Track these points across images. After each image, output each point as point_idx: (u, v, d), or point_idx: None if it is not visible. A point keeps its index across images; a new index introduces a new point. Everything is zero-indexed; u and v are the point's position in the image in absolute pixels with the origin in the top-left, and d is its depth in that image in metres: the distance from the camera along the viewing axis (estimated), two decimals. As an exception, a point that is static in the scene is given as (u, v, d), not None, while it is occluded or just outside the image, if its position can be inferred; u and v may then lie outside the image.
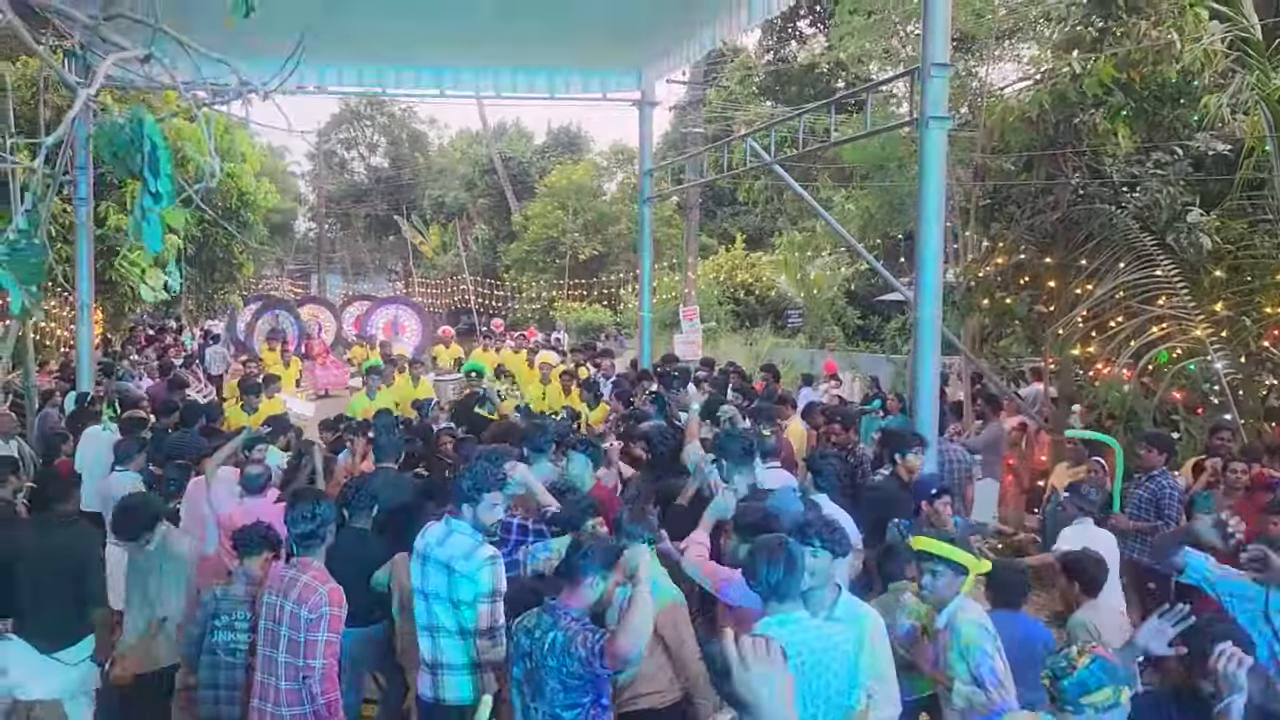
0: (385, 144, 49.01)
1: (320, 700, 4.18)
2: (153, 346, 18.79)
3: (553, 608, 3.77)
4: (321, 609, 4.16)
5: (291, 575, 4.34)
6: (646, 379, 10.57)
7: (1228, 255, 8.59)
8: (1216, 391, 8.28)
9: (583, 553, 3.80)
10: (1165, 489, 6.98)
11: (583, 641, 3.56)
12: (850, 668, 3.63)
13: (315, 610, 4.16)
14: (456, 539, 4.33)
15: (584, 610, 3.77)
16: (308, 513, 4.37)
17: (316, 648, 4.16)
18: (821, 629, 3.69)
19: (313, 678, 4.17)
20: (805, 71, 23.07)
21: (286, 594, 4.26)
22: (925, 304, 6.65)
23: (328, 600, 4.19)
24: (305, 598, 4.20)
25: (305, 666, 4.16)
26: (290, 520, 4.42)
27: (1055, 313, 9.64)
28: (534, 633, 3.74)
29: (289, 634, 4.23)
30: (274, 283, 40.67)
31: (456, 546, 4.32)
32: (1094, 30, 9.14)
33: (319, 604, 4.16)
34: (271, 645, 4.32)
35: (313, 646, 4.16)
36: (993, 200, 10.50)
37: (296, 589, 4.24)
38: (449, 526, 4.41)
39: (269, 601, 4.37)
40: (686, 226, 21.61)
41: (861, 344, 22.19)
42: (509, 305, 31.60)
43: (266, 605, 4.38)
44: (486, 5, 9.34)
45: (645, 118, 13.04)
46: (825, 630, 3.69)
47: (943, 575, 4.11)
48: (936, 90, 6.48)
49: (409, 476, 6.60)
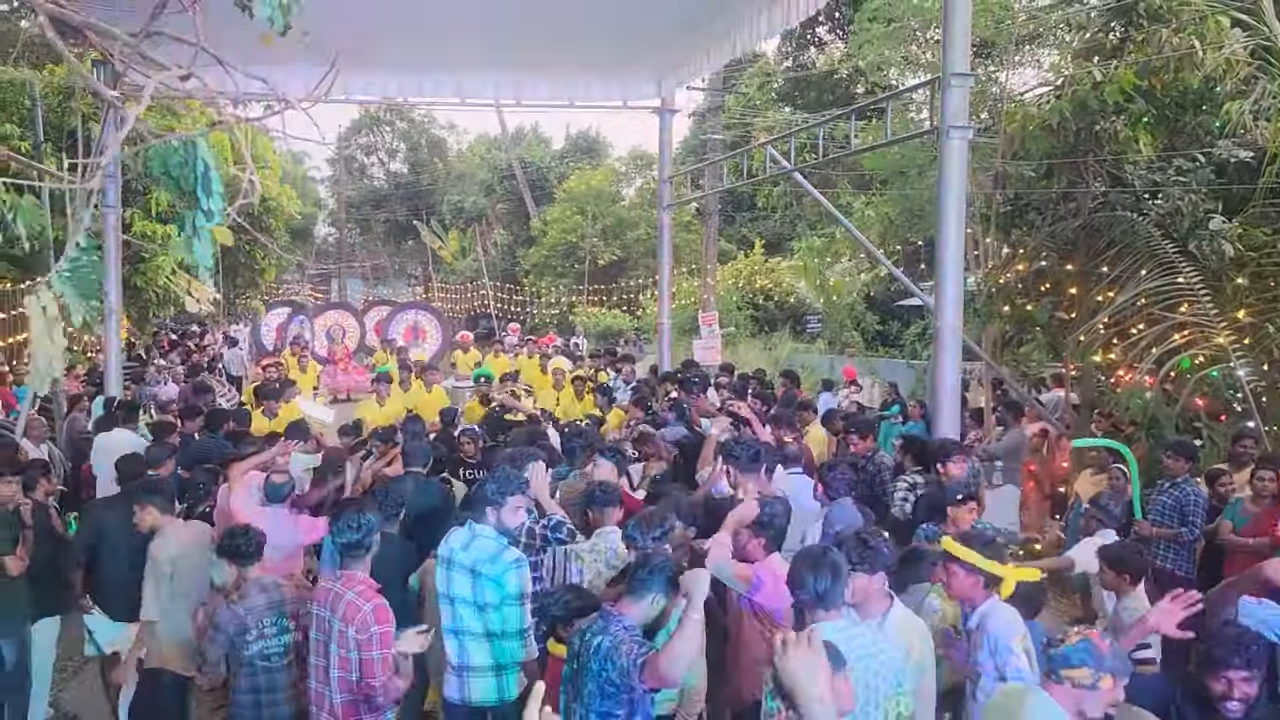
0: (405, 150, 49.31)
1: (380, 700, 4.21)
2: (176, 351, 18.99)
3: (608, 613, 3.77)
4: (370, 629, 4.09)
5: (337, 590, 4.28)
6: (669, 383, 10.63)
7: (1250, 262, 8.55)
8: (1239, 399, 8.26)
9: (649, 569, 3.80)
10: (1189, 496, 6.99)
11: (627, 652, 3.55)
12: (898, 672, 3.66)
13: (365, 630, 4.10)
14: (481, 543, 4.40)
15: (637, 623, 3.76)
16: (353, 523, 4.31)
17: (374, 666, 4.10)
18: (869, 634, 3.71)
19: (375, 694, 4.16)
20: (824, 77, 23.10)
21: (334, 609, 4.21)
22: (946, 312, 6.68)
23: (374, 619, 4.12)
24: (351, 616, 4.14)
25: (365, 685, 4.13)
26: (335, 530, 4.37)
27: (1076, 319, 9.63)
28: (585, 634, 3.74)
29: (338, 651, 4.19)
30: (295, 288, 40.96)
31: (482, 550, 4.38)
32: (1115, 37, 9.14)
33: (366, 623, 4.11)
34: (324, 658, 4.28)
35: (370, 665, 4.10)
36: (1013, 207, 10.50)
37: (342, 605, 4.19)
38: (473, 531, 4.47)
39: (318, 614, 4.33)
40: (705, 232, 21.66)
41: (881, 349, 22.19)
42: (528, 310, 31.73)
43: (316, 618, 4.35)
44: (507, 14, 9.42)
45: (665, 125, 13.11)
46: (873, 635, 3.72)
47: (955, 576, 4.19)
48: (957, 100, 6.49)
49: (436, 482, 6.67)
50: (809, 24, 26.78)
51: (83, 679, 7.10)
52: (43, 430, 9.17)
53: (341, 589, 4.25)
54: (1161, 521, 7.04)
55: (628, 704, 3.65)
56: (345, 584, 4.26)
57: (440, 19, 9.72)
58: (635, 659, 3.52)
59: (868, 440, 7.86)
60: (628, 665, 3.52)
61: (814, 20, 26.40)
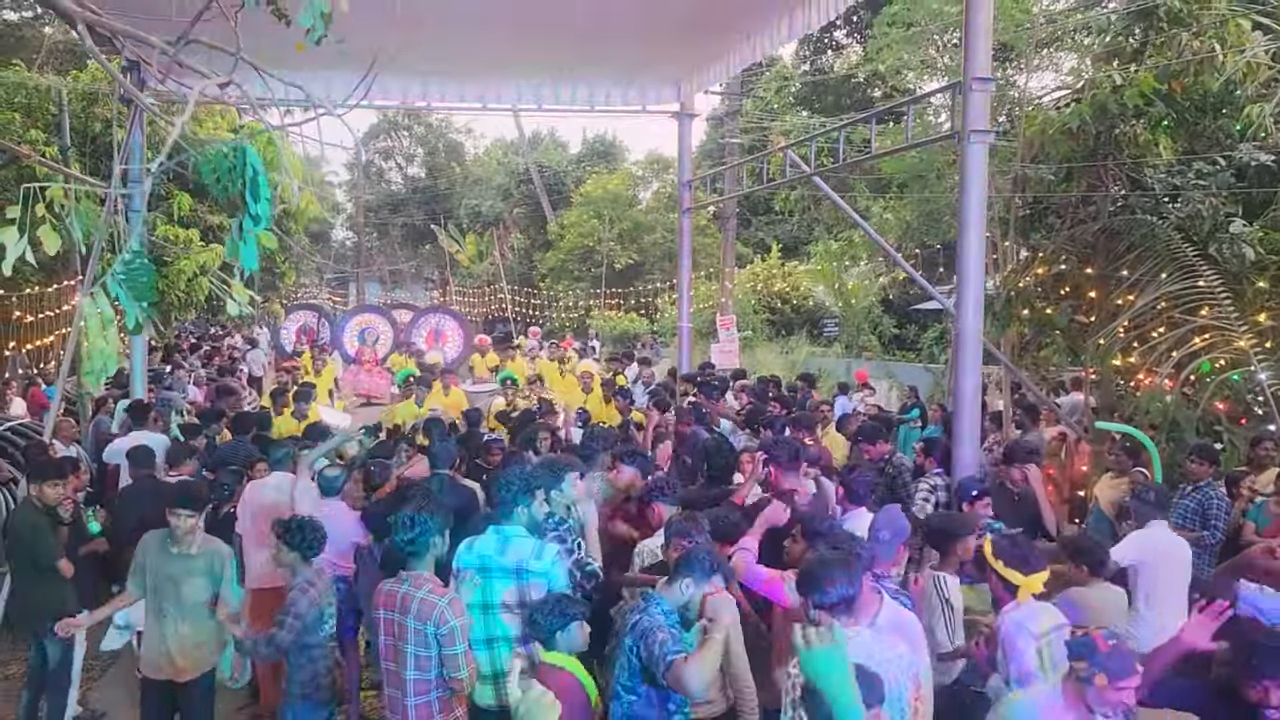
0: (422, 154, 49.55)
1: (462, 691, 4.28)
2: (196, 354, 19.18)
3: (650, 596, 3.98)
4: (450, 623, 4.13)
5: (405, 590, 4.25)
6: (689, 383, 10.67)
7: (1271, 265, 8.54)
8: (1260, 402, 8.24)
9: (684, 559, 4.05)
10: (1212, 500, 7.02)
11: (661, 641, 3.69)
12: (909, 670, 3.71)
13: (444, 625, 4.13)
14: (519, 543, 4.44)
15: (673, 606, 3.94)
16: (406, 521, 4.30)
17: (457, 660, 4.14)
18: (880, 637, 3.76)
19: (460, 689, 4.24)
20: (841, 81, 23.11)
21: (405, 610, 4.21)
22: (966, 316, 6.69)
23: (452, 613, 4.15)
24: (427, 614, 4.15)
25: (453, 680, 4.18)
26: (395, 529, 4.35)
27: (1096, 323, 9.62)
28: (628, 613, 3.95)
29: (416, 651, 4.18)
30: (313, 291, 41.23)
31: (522, 549, 4.43)
32: (1134, 41, 9.13)
33: (444, 619, 4.13)
34: (396, 662, 4.27)
35: (453, 660, 4.14)
36: (1033, 211, 10.49)
37: (415, 604, 4.19)
38: (501, 534, 4.51)
39: (384, 619, 4.31)
40: (723, 236, 21.71)
41: (898, 353, 22.17)
42: (545, 314, 31.83)
43: (383, 623, 4.32)
44: (529, 20, 9.50)
45: (684, 130, 13.16)
46: (884, 638, 3.77)
47: (990, 578, 4.43)
48: (978, 105, 6.50)
49: (464, 483, 6.72)
50: (826, 28, 26.82)
51: (110, 678, 7.20)
52: (73, 432, 9.32)
53: (410, 589, 4.23)
54: (1184, 525, 7.05)
55: (651, 686, 3.80)
56: (414, 585, 4.25)
57: (462, 25, 9.80)
58: (665, 653, 3.60)
59: (879, 446, 7.86)
60: (658, 653, 3.64)
61: (831, 24, 26.41)
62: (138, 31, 3.83)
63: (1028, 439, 8.73)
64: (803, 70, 26.80)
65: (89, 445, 10.16)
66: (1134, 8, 9.48)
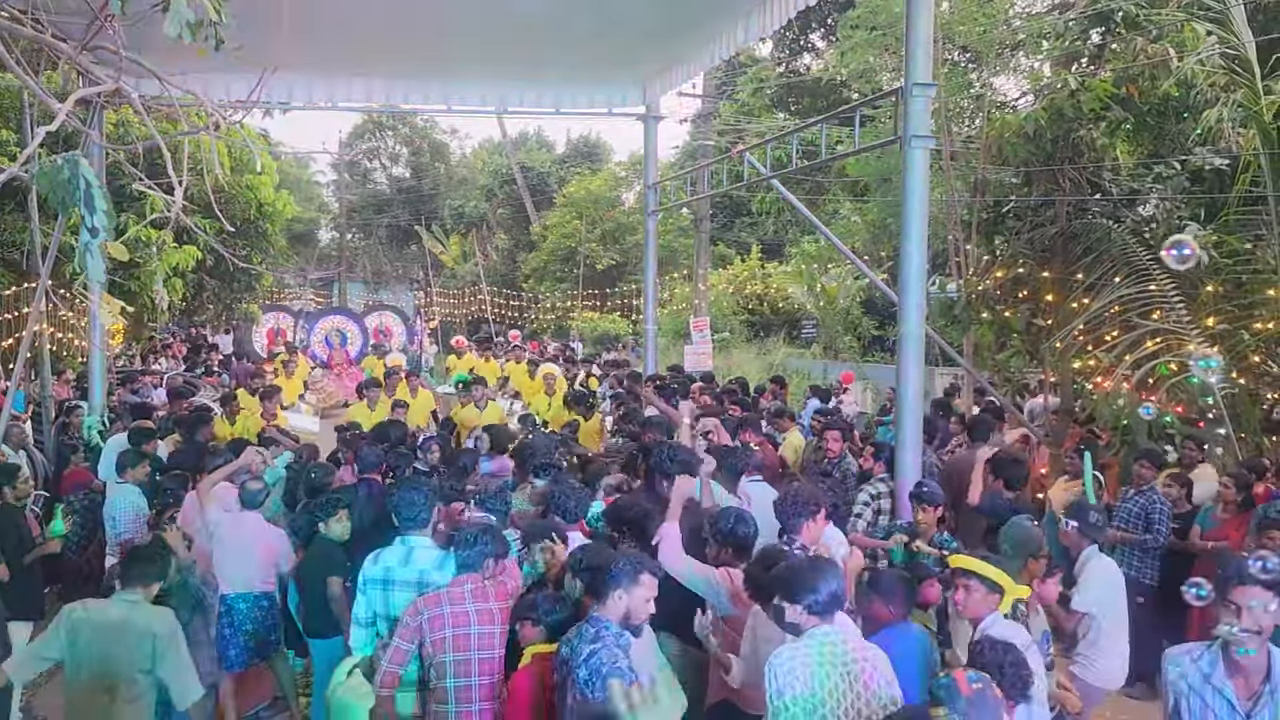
0: (407, 155, 49.39)
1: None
2: (164, 357, 19.07)
3: (595, 619, 3.78)
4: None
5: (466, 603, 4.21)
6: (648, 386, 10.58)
7: (1224, 269, 8.57)
8: (1211, 406, 8.28)
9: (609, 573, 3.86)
10: (1155, 503, 7.09)
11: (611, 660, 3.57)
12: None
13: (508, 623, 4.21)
14: (420, 554, 4.45)
15: (617, 622, 3.76)
16: (469, 537, 4.30)
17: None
18: (850, 634, 3.74)
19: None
20: (817, 83, 23.17)
21: (471, 620, 4.18)
22: (909, 319, 6.66)
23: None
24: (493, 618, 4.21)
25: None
26: (456, 544, 4.31)
27: (1053, 326, 9.65)
28: (573, 641, 3.73)
29: (485, 655, 4.18)
30: (297, 292, 41.04)
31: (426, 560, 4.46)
32: (1092, 45, 9.17)
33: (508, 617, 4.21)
34: (464, 676, 4.18)
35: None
36: (994, 214, 10.53)
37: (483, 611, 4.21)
38: (406, 545, 4.51)
39: (454, 635, 4.17)
40: (698, 238, 21.71)
41: (877, 354, 22.19)
42: (526, 315, 31.77)
43: (452, 639, 4.17)
44: (494, 22, 9.47)
45: (650, 132, 13.12)
46: (853, 637, 3.74)
47: (975, 591, 4.17)
48: (919, 109, 6.50)
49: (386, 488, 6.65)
50: (803, 30, 26.86)
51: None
52: (21, 438, 9.21)
53: (471, 599, 4.20)
54: (1126, 526, 7.10)
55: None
56: (476, 597, 4.21)
57: (428, 27, 9.76)
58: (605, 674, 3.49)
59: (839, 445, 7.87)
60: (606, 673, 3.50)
61: (807, 27, 26.49)
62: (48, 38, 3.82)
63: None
64: (779, 72, 26.81)
65: (51, 450, 10.07)
66: (1091, 11, 9.52)
